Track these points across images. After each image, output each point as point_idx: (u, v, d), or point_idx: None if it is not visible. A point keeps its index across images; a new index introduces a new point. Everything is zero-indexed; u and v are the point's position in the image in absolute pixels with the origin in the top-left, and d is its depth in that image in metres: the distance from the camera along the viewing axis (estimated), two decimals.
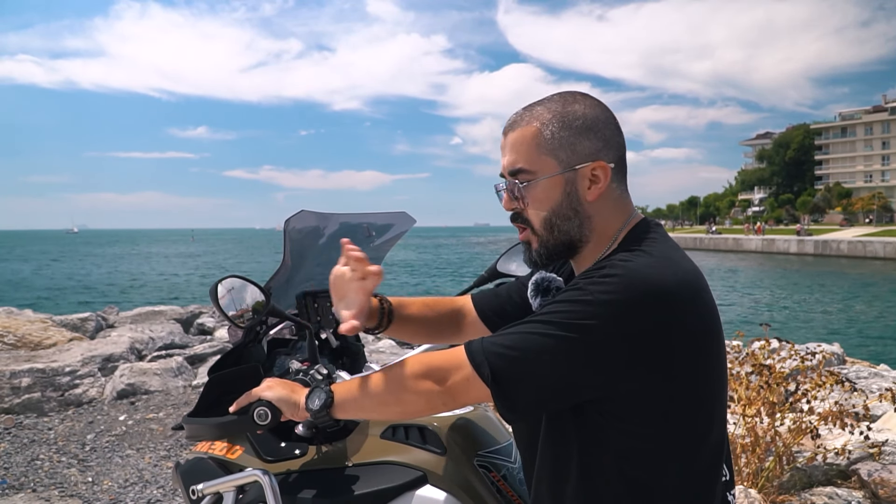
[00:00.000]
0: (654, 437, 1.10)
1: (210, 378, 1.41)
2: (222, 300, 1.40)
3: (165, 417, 5.22)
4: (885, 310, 23.76)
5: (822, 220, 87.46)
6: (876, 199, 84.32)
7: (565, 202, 1.20)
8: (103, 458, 4.51)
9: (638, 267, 1.07)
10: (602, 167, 1.18)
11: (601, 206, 1.21)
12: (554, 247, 1.23)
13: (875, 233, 59.85)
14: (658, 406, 1.08)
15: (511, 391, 1.08)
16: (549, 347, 1.05)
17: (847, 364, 6.72)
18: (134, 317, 9.71)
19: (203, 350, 6.89)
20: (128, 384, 5.74)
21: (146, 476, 4.20)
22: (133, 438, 4.85)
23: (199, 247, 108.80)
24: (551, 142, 1.18)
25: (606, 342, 1.04)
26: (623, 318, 1.03)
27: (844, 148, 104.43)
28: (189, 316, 9.69)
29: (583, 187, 1.19)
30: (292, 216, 1.59)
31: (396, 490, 1.39)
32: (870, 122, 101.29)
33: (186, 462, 1.72)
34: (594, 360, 1.05)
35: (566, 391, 1.09)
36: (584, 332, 1.04)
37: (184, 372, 6.22)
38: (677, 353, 1.06)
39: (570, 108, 1.20)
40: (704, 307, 1.11)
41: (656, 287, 1.05)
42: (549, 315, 1.08)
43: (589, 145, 1.18)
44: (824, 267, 43.03)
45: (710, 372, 1.13)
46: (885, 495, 3.41)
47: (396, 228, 2.00)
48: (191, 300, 20.06)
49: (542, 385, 1.08)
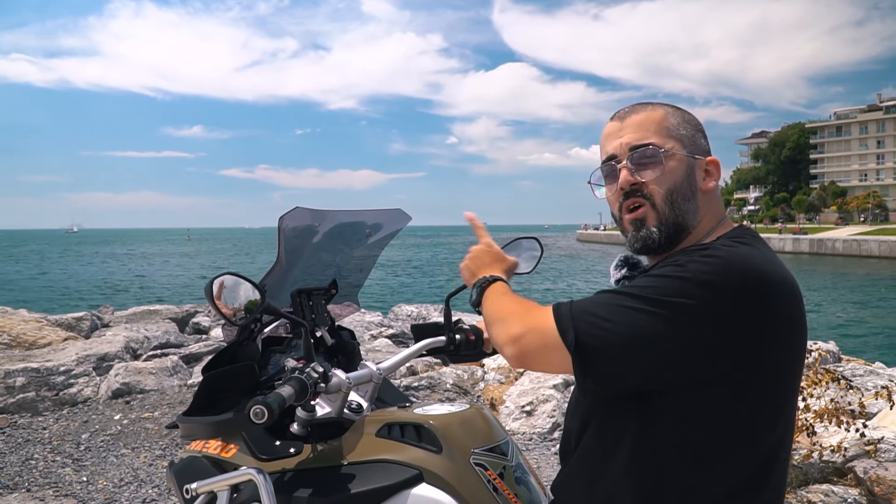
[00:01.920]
0: (713, 429, 1.11)
1: (205, 377, 1.40)
2: (217, 298, 1.39)
3: (161, 417, 5.20)
4: (879, 308, 23.85)
5: (818, 218, 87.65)
6: (871, 198, 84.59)
7: (686, 183, 1.26)
8: (98, 457, 4.49)
9: (742, 254, 1.11)
10: (716, 164, 1.30)
11: (709, 199, 1.29)
12: (670, 224, 1.25)
13: (870, 231, 60.02)
14: (728, 398, 1.09)
15: (593, 362, 1.09)
16: (640, 322, 1.06)
17: (842, 362, 6.73)
18: (129, 316, 9.67)
19: (199, 349, 6.86)
20: (123, 383, 5.72)
21: (141, 475, 4.18)
22: (128, 438, 4.83)
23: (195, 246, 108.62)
24: (677, 129, 1.29)
25: (700, 324, 1.05)
26: (720, 301, 1.04)
27: (839, 147, 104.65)
28: (184, 315, 9.65)
29: (699, 176, 1.29)
30: (287, 213, 1.58)
31: (392, 489, 1.38)
32: (865, 121, 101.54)
33: (180, 461, 1.71)
34: (685, 342, 1.05)
35: (650, 371, 1.08)
36: (679, 310, 1.05)
37: (179, 371, 6.20)
38: (764, 344, 1.08)
39: (683, 112, 1.33)
40: (797, 306, 1.13)
41: (757, 274, 1.08)
42: (644, 289, 1.09)
43: (704, 143, 1.32)
44: (819, 266, 43.13)
45: (787, 371, 1.14)
46: (880, 493, 3.41)
47: (392, 225, 1.99)
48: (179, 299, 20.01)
49: (628, 361, 1.08)
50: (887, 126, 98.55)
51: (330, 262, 1.94)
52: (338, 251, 1.94)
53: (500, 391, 5.48)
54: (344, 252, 1.97)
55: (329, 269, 1.94)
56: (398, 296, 24.02)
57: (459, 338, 1.88)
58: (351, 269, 2.03)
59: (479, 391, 5.61)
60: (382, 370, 1.65)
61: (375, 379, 1.63)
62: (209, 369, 1.62)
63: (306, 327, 1.50)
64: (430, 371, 5.90)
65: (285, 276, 1.74)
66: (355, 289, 2.08)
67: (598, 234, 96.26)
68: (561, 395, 5.12)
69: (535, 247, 1.91)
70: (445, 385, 5.57)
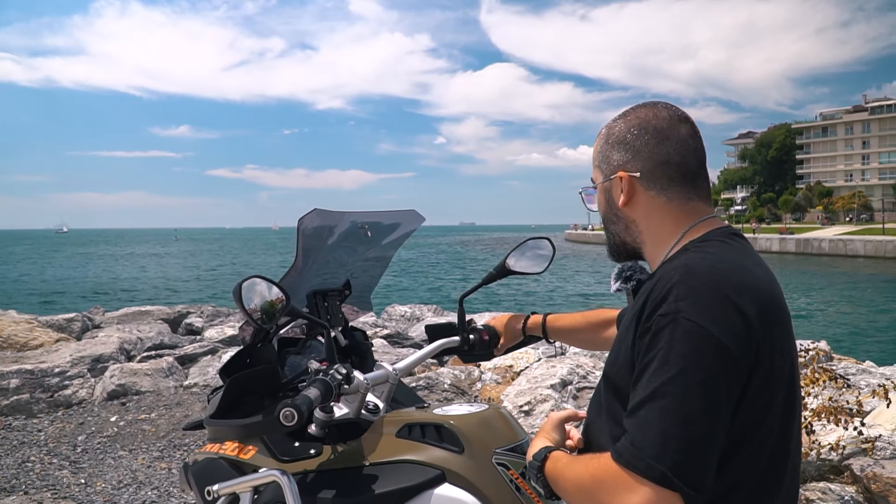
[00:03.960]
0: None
1: (230, 379, 1.40)
2: (245, 300, 1.40)
3: (158, 418, 5.18)
4: (866, 307, 24.06)
5: (804, 218, 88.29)
6: (856, 198, 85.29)
7: (608, 208, 1.35)
8: (95, 459, 4.47)
9: (697, 268, 1.11)
10: (623, 177, 1.27)
11: (643, 211, 1.28)
12: (613, 245, 1.38)
13: (855, 231, 60.53)
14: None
15: (695, 473, 1.00)
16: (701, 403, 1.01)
17: (834, 361, 6.78)
18: (120, 317, 9.61)
19: (193, 350, 6.83)
20: (118, 385, 5.69)
21: (140, 477, 4.17)
22: (125, 439, 4.81)
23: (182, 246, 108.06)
24: (598, 156, 1.35)
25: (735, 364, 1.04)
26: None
27: (825, 147, 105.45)
28: (177, 316, 9.61)
29: (616, 195, 1.30)
30: (306, 215, 1.59)
31: (415, 489, 1.39)
32: (850, 121, 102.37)
33: (197, 463, 1.70)
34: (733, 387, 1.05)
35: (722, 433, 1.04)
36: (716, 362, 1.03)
37: (174, 372, 6.17)
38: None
39: (614, 124, 1.33)
40: (769, 308, 1.11)
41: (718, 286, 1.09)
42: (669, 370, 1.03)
43: (618, 157, 1.30)
44: (806, 266, 43.46)
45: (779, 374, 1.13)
46: (877, 490, 3.45)
47: (406, 227, 2.00)
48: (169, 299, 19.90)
49: (713, 445, 1.03)
50: (872, 127, 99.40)
51: (344, 263, 1.95)
52: (352, 252, 1.95)
53: (498, 391, 5.49)
54: (358, 253, 1.97)
55: (342, 269, 1.95)
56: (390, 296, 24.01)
57: (473, 338, 1.89)
58: (364, 269, 2.04)
59: (477, 391, 5.63)
60: (399, 371, 1.66)
61: (392, 380, 1.64)
62: (227, 371, 1.62)
63: (328, 329, 1.50)
64: (427, 371, 5.91)
65: (302, 278, 1.74)
66: (368, 290, 2.09)
67: (587, 234, 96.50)
68: (559, 395, 5.14)
69: (546, 247, 1.93)
70: (443, 385, 5.57)
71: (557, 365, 5.59)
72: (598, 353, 6.23)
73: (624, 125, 1.30)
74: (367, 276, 2.07)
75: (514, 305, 22.55)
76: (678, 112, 1.29)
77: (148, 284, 35.77)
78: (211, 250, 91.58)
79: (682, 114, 1.30)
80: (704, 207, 1.27)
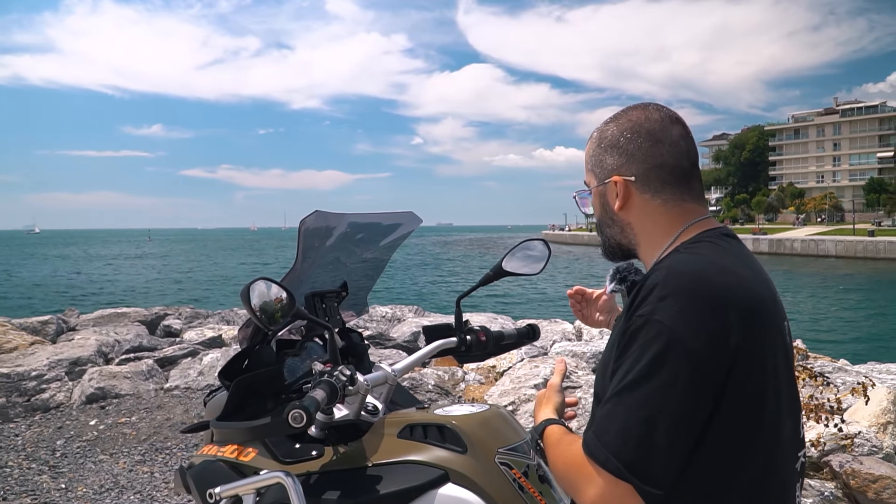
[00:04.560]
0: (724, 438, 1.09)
1: (235, 381, 1.40)
2: (252, 302, 1.39)
3: (138, 422, 5.12)
4: (838, 307, 24.46)
5: (777, 219, 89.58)
6: (828, 199, 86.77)
7: (602, 211, 1.36)
8: (75, 464, 4.41)
9: (684, 271, 1.12)
10: (618, 181, 1.28)
11: (638, 214, 1.29)
12: (608, 247, 1.38)
13: (827, 231, 61.56)
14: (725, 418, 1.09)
15: (651, 471, 1.04)
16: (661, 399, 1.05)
17: (810, 359, 6.90)
18: (96, 319, 9.47)
19: (173, 352, 6.76)
20: (97, 388, 5.62)
21: (122, 482, 4.12)
22: (105, 443, 4.75)
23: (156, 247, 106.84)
24: (591, 160, 1.36)
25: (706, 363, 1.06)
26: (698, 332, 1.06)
27: (797, 149, 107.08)
28: (154, 318, 9.50)
29: (612, 199, 1.31)
30: (307, 216, 1.59)
31: (419, 489, 1.39)
32: (821, 123, 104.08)
33: (196, 466, 1.69)
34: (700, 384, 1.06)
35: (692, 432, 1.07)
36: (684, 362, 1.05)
37: (154, 375, 6.11)
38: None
39: (607, 127, 1.33)
40: (760, 308, 1.14)
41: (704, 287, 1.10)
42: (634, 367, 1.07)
43: (611, 161, 1.30)
44: (779, 266, 44.07)
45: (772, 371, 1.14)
46: (856, 486, 3.51)
47: (404, 228, 2.00)
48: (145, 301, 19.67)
49: (674, 445, 1.05)
50: (843, 129, 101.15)
51: (342, 264, 1.95)
52: (350, 254, 1.95)
53: (481, 391, 5.51)
54: (356, 255, 1.97)
55: (340, 271, 1.94)
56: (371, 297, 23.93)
57: (470, 339, 1.90)
58: (361, 271, 2.04)
59: (460, 392, 5.64)
60: (397, 371, 1.66)
61: (390, 381, 1.64)
62: (227, 373, 1.62)
63: (332, 331, 1.50)
64: (411, 372, 5.91)
65: (301, 279, 1.74)
66: (364, 291, 2.09)
67: (564, 234, 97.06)
68: None
69: (542, 248, 1.94)
70: (427, 386, 5.58)
71: (541, 365, 5.63)
72: (580, 352, 6.27)
73: (616, 128, 1.30)
74: (364, 277, 2.07)
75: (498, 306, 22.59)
76: (670, 113, 1.30)
77: (122, 286, 35.32)
78: (185, 251, 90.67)
79: (674, 115, 1.31)
80: (698, 208, 1.29)
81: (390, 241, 2.03)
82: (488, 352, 1.94)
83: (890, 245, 49.54)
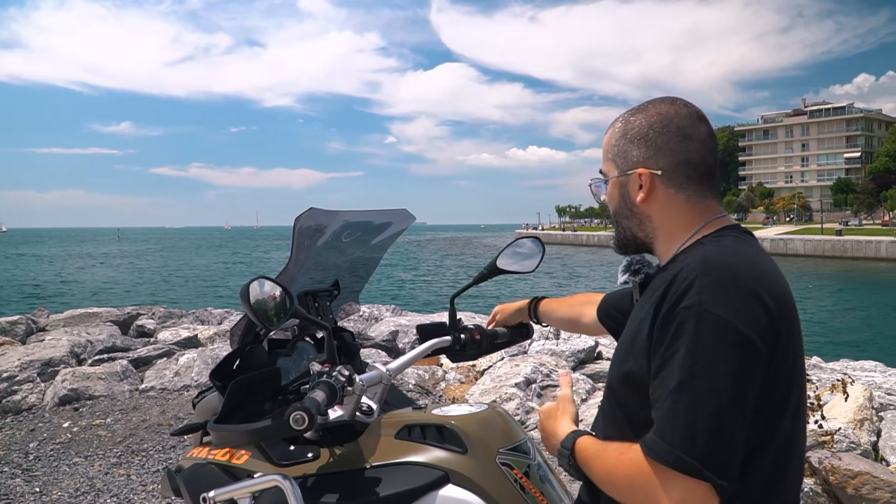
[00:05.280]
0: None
1: (233, 383, 1.36)
2: (251, 302, 1.35)
3: (113, 423, 5.02)
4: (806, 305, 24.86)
5: (746, 218, 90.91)
6: (796, 199, 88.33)
7: (622, 203, 1.33)
8: (49, 467, 4.31)
9: (719, 261, 1.13)
10: (643, 173, 1.26)
11: (660, 208, 1.28)
12: (623, 239, 1.36)
13: (795, 231, 62.69)
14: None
15: (724, 464, 1.02)
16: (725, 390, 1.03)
17: None
18: (66, 319, 9.27)
19: (147, 353, 6.64)
20: (70, 389, 5.50)
21: (98, 484, 4.03)
22: (80, 446, 4.64)
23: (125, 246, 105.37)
24: (614, 149, 1.33)
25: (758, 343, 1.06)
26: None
27: (766, 150, 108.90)
28: (126, 318, 9.32)
29: (633, 191, 1.29)
30: (302, 214, 1.55)
31: (419, 491, 1.36)
32: (790, 124, 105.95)
33: (186, 469, 1.65)
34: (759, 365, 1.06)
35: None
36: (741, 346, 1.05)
37: (129, 376, 5.99)
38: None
39: (633, 118, 1.31)
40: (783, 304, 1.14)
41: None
42: (689, 361, 1.05)
43: (637, 153, 1.28)
44: None
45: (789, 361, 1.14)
46: (835, 482, 3.55)
47: (396, 225, 1.98)
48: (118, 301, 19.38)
49: (740, 436, 1.05)
50: (811, 130, 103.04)
51: (334, 262, 1.91)
52: (343, 252, 1.91)
53: (462, 390, 5.49)
54: (348, 253, 1.94)
55: (333, 269, 1.91)
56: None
57: (465, 337, 1.88)
58: (353, 269, 2.01)
59: (441, 391, 5.62)
60: (391, 371, 1.64)
61: (385, 381, 1.62)
62: (219, 374, 1.58)
63: (329, 330, 1.47)
64: None
65: (295, 278, 1.70)
66: (357, 289, 2.06)
67: (537, 234, 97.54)
68: (523, 394, 5.17)
69: (537, 246, 1.93)
70: (408, 385, 5.55)
71: (521, 364, 5.62)
72: (559, 351, 6.28)
73: (644, 120, 1.28)
74: (356, 275, 2.04)
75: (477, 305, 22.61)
76: (697, 110, 1.30)
77: (91, 285, 34.76)
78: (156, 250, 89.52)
79: (701, 112, 1.31)
80: (717, 206, 1.29)
81: (383, 239, 2.01)
82: (482, 351, 1.93)
83: (857, 244, 50.63)
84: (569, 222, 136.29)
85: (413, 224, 2.03)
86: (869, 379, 5.01)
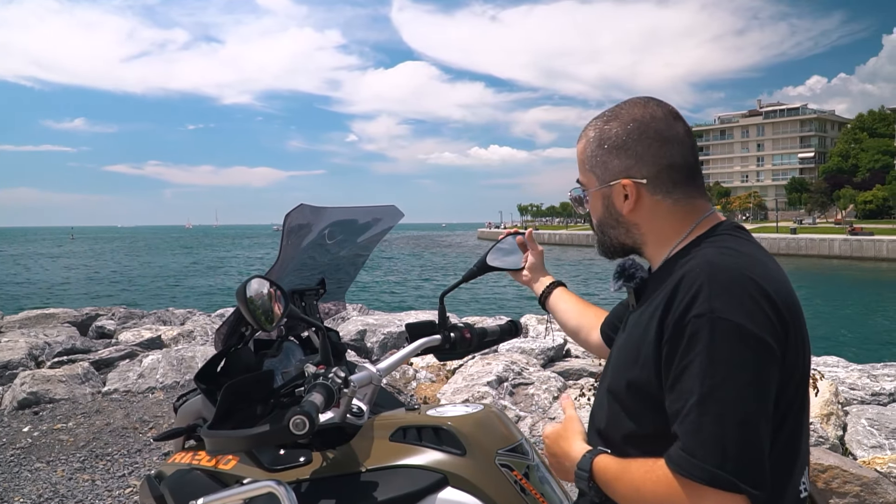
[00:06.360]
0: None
1: (226, 386, 1.31)
2: (248, 302, 1.30)
3: (76, 427, 4.87)
4: None
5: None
6: (752, 198, 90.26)
7: (606, 213, 1.30)
8: (10, 473, 4.16)
9: (724, 265, 1.10)
10: (627, 184, 1.23)
11: (648, 216, 1.25)
12: (609, 247, 1.33)
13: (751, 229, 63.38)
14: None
15: (757, 474, 1.00)
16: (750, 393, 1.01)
17: None
18: (22, 320, 9.00)
19: (109, 354, 6.47)
20: (30, 393, 5.32)
21: (62, 490, 3.90)
22: (41, 451, 4.49)
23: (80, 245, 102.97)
24: (591, 160, 1.29)
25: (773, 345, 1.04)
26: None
27: (723, 149, 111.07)
28: (85, 318, 9.08)
29: (618, 201, 1.26)
30: (292, 210, 1.50)
31: (418, 494, 1.33)
32: (746, 125, 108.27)
33: (169, 475, 1.59)
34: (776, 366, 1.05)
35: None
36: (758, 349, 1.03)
37: (91, 378, 5.83)
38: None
39: (608, 126, 1.26)
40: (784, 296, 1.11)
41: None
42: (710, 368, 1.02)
43: (618, 164, 1.24)
44: None
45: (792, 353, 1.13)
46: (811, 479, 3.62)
47: (385, 222, 1.94)
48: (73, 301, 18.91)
49: (766, 442, 1.03)
50: (766, 130, 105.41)
51: (321, 260, 1.87)
52: (330, 249, 1.87)
53: (433, 389, 5.47)
54: (336, 250, 1.90)
55: (319, 267, 1.87)
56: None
57: (454, 336, 1.85)
58: (340, 267, 1.97)
59: (412, 390, 5.58)
60: (382, 371, 1.60)
61: (375, 381, 1.58)
62: (203, 377, 1.52)
63: (323, 330, 1.43)
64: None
65: (284, 276, 1.66)
66: (343, 288, 2.02)
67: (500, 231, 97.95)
68: (495, 392, 5.16)
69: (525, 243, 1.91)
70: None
71: (493, 362, 5.62)
72: (528, 349, 6.28)
73: (620, 128, 1.23)
74: (342, 273, 2.00)
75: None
76: (671, 109, 1.25)
77: (45, 286, 33.87)
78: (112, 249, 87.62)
79: (675, 110, 1.26)
80: (706, 204, 1.26)
81: (371, 237, 1.97)
82: (472, 349, 1.90)
83: (811, 242, 51.93)
84: (531, 221, 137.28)
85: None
86: (832, 374, 5.12)
